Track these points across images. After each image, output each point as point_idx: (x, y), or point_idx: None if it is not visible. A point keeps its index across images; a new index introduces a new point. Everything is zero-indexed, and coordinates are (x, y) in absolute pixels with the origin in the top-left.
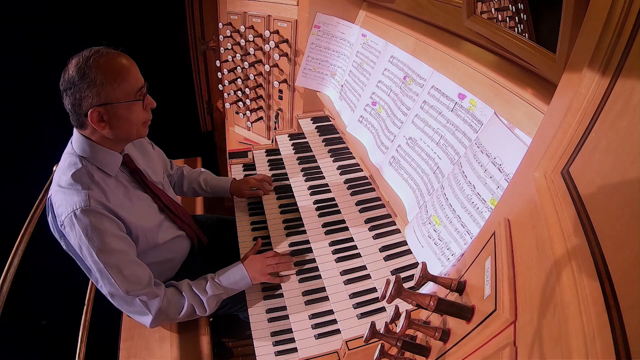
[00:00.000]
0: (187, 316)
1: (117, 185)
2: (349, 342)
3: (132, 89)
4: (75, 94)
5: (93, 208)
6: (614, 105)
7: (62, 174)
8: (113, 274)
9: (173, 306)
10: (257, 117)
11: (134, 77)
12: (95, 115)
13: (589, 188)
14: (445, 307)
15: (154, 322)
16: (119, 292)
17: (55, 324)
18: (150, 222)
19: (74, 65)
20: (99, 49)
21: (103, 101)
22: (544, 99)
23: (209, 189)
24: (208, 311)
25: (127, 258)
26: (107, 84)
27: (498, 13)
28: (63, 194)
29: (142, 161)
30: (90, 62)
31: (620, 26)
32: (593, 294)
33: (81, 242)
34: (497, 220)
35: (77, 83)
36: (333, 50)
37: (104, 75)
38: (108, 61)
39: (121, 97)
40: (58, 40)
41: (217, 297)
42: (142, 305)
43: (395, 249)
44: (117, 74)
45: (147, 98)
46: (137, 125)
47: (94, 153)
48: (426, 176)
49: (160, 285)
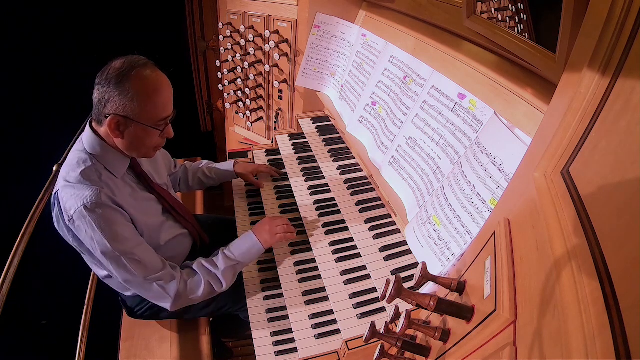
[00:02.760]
0: (206, 294)
1: (123, 185)
2: (349, 342)
3: (158, 116)
4: (105, 93)
5: (104, 201)
6: (614, 105)
7: (70, 170)
8: (129, 261)
9: (191, 286)
10: (257, 117)
11: (165, 105)
12: (114, 122)
13: (589, 188)
14: (445, 307)
15: (174, 305)
16: (137, 279)
17: (55, 324)
18: (155, 221)
19: (117, 68)
20: (147, 62)
21: (127, 114)
22: (544, 99)
23: (214, 175)
24: (224, 285)
25: (140, 245)
26: (137, 100)
27: (498, 13)
28: (72, 189)
29: (148, 164)
30: (134, 72)
31: (620, 26)
32: (593, 294)
33: (94, 234)
34: (497, 220)
35: (112, 85)
36: (333, 50)
37: (138, 91)
38: (150, 81)
39: (144, 119)
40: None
41: (232, 268)
42: (160, 289)
43: (395, 249)
44: (150, 96)
45: (167, 128)
46: (147, 148)
47: (104, 153)
48: (426, 176)
49: (176, 267)
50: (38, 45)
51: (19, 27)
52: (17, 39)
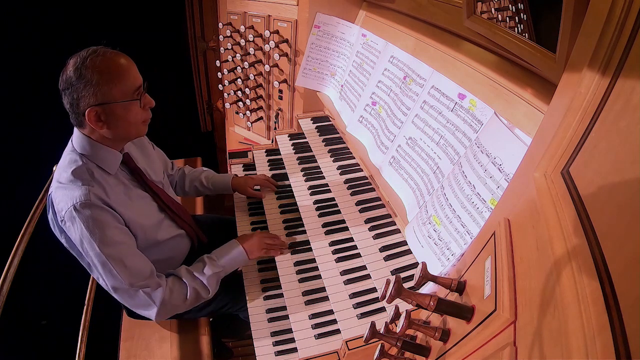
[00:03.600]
0: (192, 302)
1: (117, 183)
2: (349, 342)
3: (129, 88)
4: (72, 94)
5: (93, 202)
6: (614, 105)
7: (62, 171)
8: (116, 265)
9: (176, 294)
10: (257, 117)
11: (131, 76)
12: (93, 115)
13: (589, 188)
14: (445, 307)
15: (160, 314)
16: (122, 285)
17: (55, 324)
18: (150, 220)
19: (72, 66)
20: (97, 48)
21: (100, 101)
22: (544, 99)
23: (210, 186)
24: (210, 292)
25: (129, 250)
26: (103, 83)
27: (498, 13)
28: (63, 190)
29: (142, 160)
30: (87, 62)
31: (620, 26)
32: (593, 294)
33: (82, 236)
34: (497, 220)
35: (75, 83)
36: (333, 50)
37: (100, 75)
38: (105, 61)
39: (118, 97)
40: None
41: (216, 275)
42: (146, 297)
43: (395, 249)
44: (113, 74)
45: (145, 97)
46: (135, 125)
47: (94, 151)
48: (426, 176)
49: (162, 276)
50: (38, 45)
51: (19, 27)
52: (17, 39)
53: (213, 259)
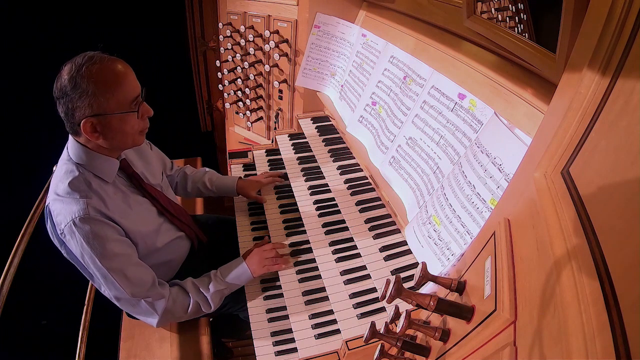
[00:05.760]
0: (193, 314)
1: (115, 191)
2: (349, 342)
3: (127, 99)
4: (67, 103)
5: (92, 216)
6: (614, 105)
7: (59, 182)
8: (117, 278)
9: (179, 305)
10: (257, 117)
11: (128, 86)
12: (89, 126)
13: (589, 188)
14: (445, 307)
15: (161, 322)
16: (125, 296)
17: (55, 324)
18: (149, 226)
19: (67, 73)
20: (93, 55)
21: (95, 112)
22: (544, 99)
23: (214, 188)
24: (213, 307)
25: (130, 261)
26: (99, 94)
27: (498, 13)
28: (61, 203)
29: (140, 164)
30: (83, 70)
31: (620, 26)
32: (593, 294)
33: (83, 250)
34: (497, 220)
35: (69, 93)
36: (333, 50)
37: (95, 85)
38: (101, 70)
39: (115, 108)
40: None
41: (220, 292)
42: (149, 307)
43: (395, 249)
44: (110, 84)
45: (143, 106)
46: (132, 135)
47: (90, 160)
48: (426, 176)
49: (165, 285)
50: (38, 45)
51: (19, 27)
52: (18, 37)
53: (219, 276)
